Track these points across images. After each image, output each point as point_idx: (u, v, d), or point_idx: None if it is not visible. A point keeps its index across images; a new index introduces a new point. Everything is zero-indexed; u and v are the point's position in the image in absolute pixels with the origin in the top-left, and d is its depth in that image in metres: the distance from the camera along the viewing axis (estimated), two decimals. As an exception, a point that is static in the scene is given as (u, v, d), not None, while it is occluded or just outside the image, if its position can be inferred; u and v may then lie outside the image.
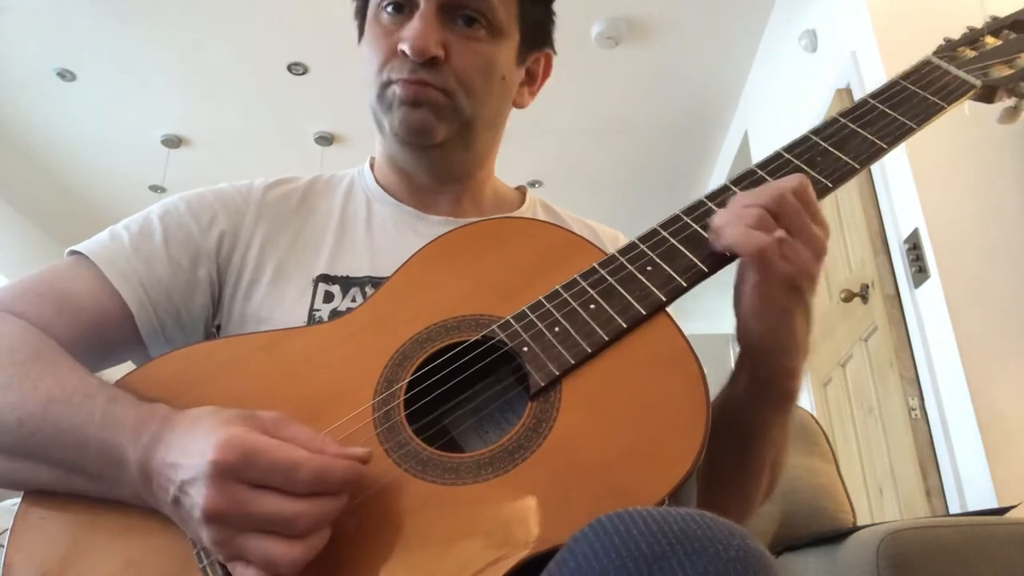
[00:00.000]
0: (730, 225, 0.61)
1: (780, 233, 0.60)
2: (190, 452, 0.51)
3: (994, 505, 1.92)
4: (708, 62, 3.85)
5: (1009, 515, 1.24)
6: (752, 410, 0.68)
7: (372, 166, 0.92)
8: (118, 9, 3.53)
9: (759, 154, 3.85)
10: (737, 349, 0.68)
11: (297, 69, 3.89)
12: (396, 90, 0.78)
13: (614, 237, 0.93)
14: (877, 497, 2.58)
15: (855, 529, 1.19)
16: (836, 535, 1.22)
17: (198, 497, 0.49)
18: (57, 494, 0.59)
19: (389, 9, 0.79)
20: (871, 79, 2.63)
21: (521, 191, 0.95)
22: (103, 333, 0.73)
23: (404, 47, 0.76)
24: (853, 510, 1.48)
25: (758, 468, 0.72)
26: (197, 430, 0.53)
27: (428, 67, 0.76)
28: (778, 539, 1.39)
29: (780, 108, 3.59)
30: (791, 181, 0.63)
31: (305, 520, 0.49)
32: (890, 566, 1.05)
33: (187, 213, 0.81)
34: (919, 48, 0.80)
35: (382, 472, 0.56)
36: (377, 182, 0.89)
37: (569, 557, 0.44)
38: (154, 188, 4.84)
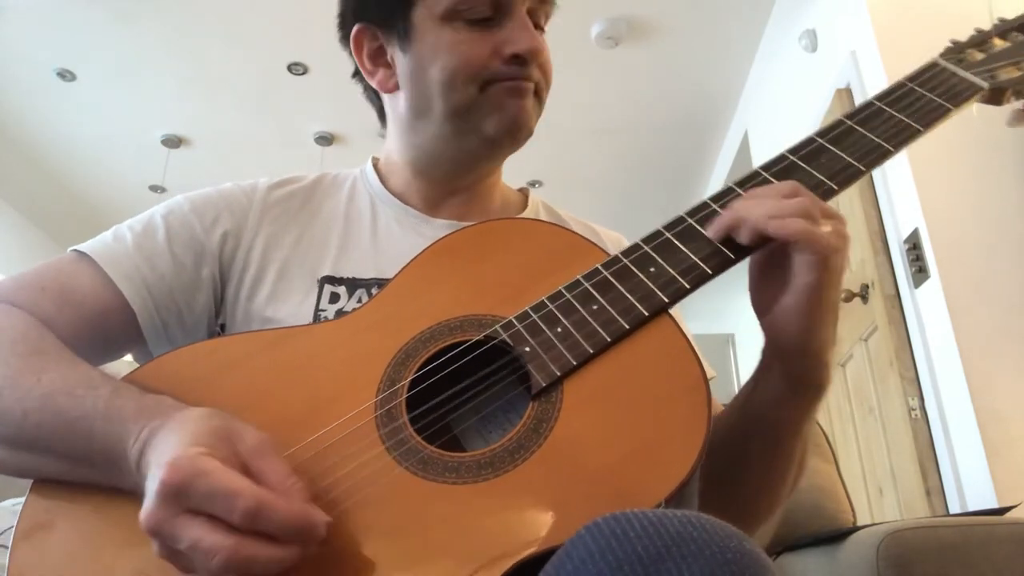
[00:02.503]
0: (784, 219, 0.58)
1: (829, 227, 0.59)
2: (158, 460, 0.51)
3: (994, 505, 1.92)
4: (708, 62, 3.85)
5: (1009, 515, 1.24)
6: (785, 407, 0.66)
7: (375, 167, 0.92)
8: (118, 9, 3.53)
9: (759, 154, 3.86)
10: (761, 346, 0.66)
11: (297, 69, 3.89)
12: (506, 87, 0.80)
13: (617, 240, 0.93)
14: (877, 497, 2.58)
15: (855, 529, 1.19)
16: (836, 535, 1.22)
17: (143, 508, 0.49)
18: (63, 489, 0.59)
19: (476, 18, 0.79)
20: (871, 79, 2.63)
21: (524, 193, 0.96)
22: (104, 330, 0.73)
23: (519, 49, 0.78)
24: (853, 510, 1.48)
25: (787, 465, 0.70)
26: (175, 437, 0.53)
27: (529, 66, 0.80)
28: (778, 539, 1.39)
29: (780, 108, 3.59)
30: (790, 184, 0.62)
31: (222, 556, 0.46)
32: (890, 566, 1.05)
33: (191, 212, 0.81)
34: (919, 48, 0.80)
35: (382, 470, 0.56)
36: (383, 184, 0.89)
37: (566, 559, 0.44)
38: (154, 188, 4.84)
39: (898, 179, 2.48)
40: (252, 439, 0.53)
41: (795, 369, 0.64)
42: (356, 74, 0.91)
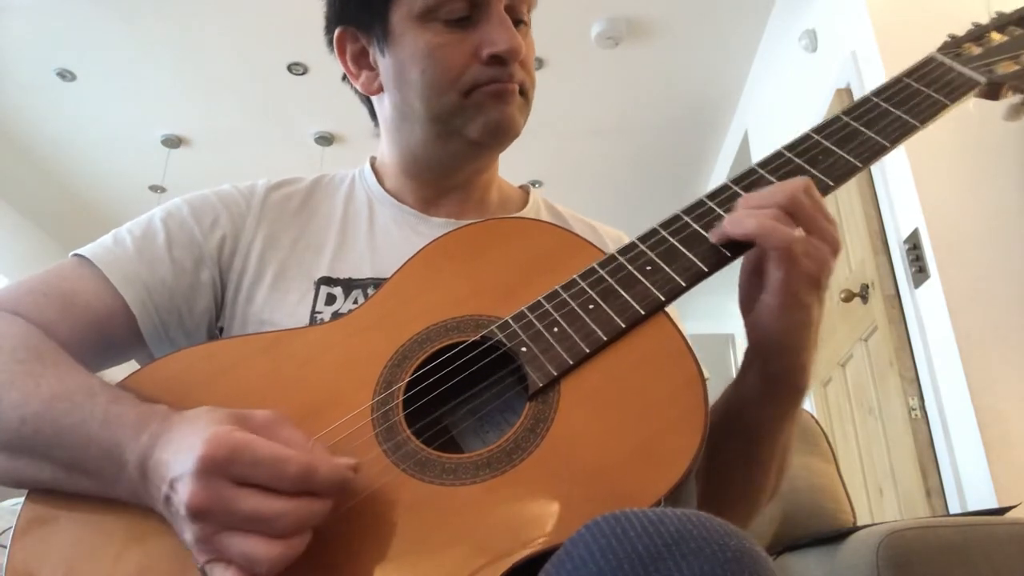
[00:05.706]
0: (751, 218, 0.60)
1: (800, 232, 0.59)
2: (181, 449, 0.51)
3: (994, 505, 1.92)
4: (708, 62, 3.85)
5: (1009, 515, 1.24)
6: (761, 407, 0.67)
7: (372, 167, 0.91)
8: (118, 9, 3.53)
9: (759, 154, 3.84)
10: (745, 346, 0.67)
11: (297, 69, 3.89)
12: (489, 92, 0.78)
13: (617, 238, 0.92)
14: (877, 497, 2.58)
15: (855, 529, 1.19)
16: (836, 535, 1.22)
17: (183, 493, 0.49)
18: (59, 494, 0.59)
19: (453, 18, 0.78)
20: (871, 79, 2.63)
21: (524, 190, 0.95)
22: (106, 334, 0.74)
23: (499, 50, 0.76)
24: (853, 510, 1.48)
25: (765, 467, 0.71)
26: (190, 429, 0.53)
27: (510, 66, 0.78)
28: (778, 539, 1.39)
29: (780, 108, 3.59)
30: (798, 182, 0.62)
31: (287, 519, 0.49)
32: (890, 566, 1.05)
33: (190, 215, 0.81)
34: (919, 48, 0.79)
35: (380, 472, 0.56)
36: (381, 184, 0.89)
37: (566, 559, 0.44)
38: (154, 188, 4.84)
39: (898, 179, 2.48)
40: (262, 415, 0.54)
41: (772, 368, 0.65)
42: (346, 77, 0.91)
